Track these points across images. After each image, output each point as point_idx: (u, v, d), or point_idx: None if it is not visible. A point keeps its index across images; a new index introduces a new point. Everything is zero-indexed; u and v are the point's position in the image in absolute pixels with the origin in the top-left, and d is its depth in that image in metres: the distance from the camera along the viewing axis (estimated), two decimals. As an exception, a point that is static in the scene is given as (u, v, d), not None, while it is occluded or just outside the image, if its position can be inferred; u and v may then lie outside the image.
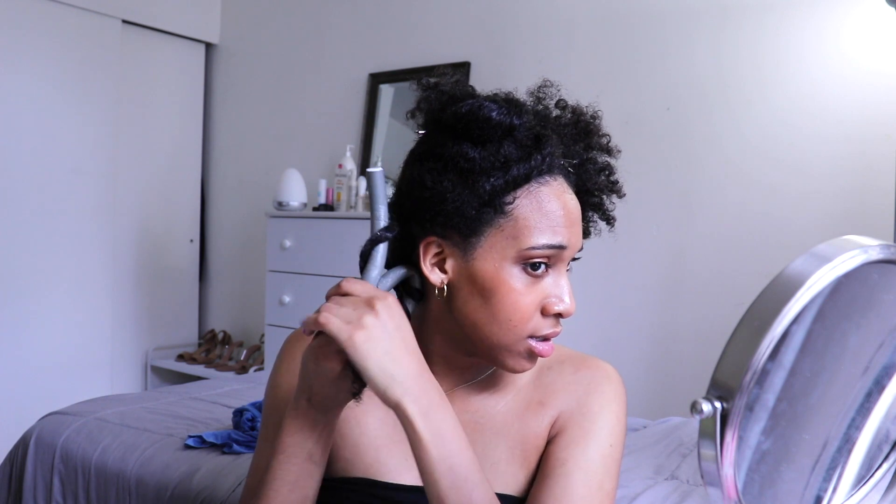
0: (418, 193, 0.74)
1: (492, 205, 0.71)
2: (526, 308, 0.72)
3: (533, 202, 0.72)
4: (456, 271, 0.74)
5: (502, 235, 0.72)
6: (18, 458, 1.73)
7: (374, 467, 0.80)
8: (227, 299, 3.74)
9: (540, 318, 0.74)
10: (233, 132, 3.70)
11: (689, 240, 2.44)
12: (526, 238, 0.71)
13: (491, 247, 0.72)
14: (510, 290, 0.72)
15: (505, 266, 0.72)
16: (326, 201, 3.05)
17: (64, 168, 3.11)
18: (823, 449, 0.57)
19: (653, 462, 1.60)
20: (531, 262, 0.72)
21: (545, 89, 0.78)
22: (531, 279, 0.73)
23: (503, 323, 0.72)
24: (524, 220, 0.72)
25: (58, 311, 3.11)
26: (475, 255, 0.73)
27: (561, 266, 0.75)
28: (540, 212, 0.72)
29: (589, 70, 2.60)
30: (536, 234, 0.71)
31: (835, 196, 2.19)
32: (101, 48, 3.21)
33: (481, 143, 0.71)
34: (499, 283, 0.72)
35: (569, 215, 0.74)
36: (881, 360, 0.57)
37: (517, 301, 0.72)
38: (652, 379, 2.42)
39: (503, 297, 0.72)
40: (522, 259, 0.72)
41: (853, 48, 2.18)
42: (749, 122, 2.34)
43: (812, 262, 0.47)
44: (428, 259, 0.75)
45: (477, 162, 0.71)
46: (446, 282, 0.75)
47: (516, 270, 0.72)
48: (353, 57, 3.26)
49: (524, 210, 0.72)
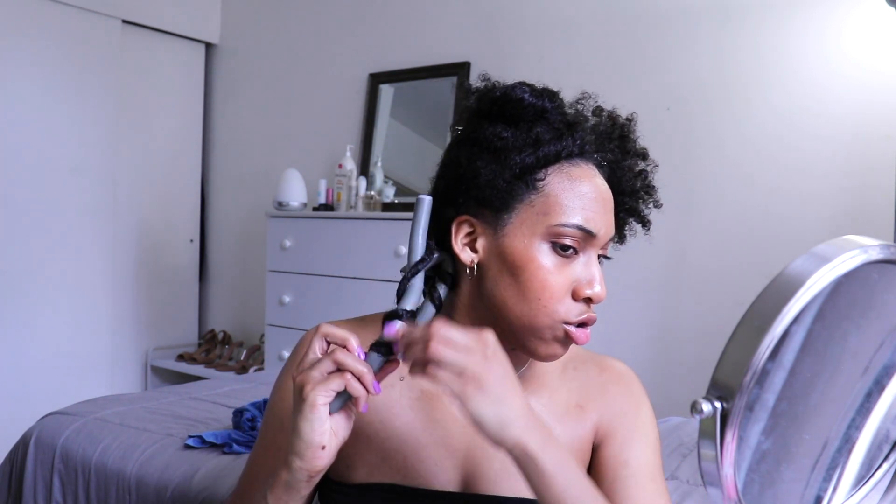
0: (453, 173, 0.76)
1: (523, 179, 0.72)
2: (555, 287, 0.72)
3: (564, 180, 0.73)
4: (486, 249, 0.75)
5: (533, 211, 0.73)
6: (18, 458, 1.73)
7: (402, 472, 0.77)
8: (227, 299, 3.74)
9: (570, 302, 0.73)
10: (233, 132, 3.70)
11: (689, 239, 2.44)
12: (556, 214, 0.72)
13: (521, 223, 0.73)
14: (539, 268, 0.72)
15: (535, 242, 0.72)
16: (326, 201, 3.05)
17: (63, 168, 3.11)
18: (823, 449, 0.57)
19: (653, 462, 1.60)
20: (560, 242, 0.72)
21: (584, 101, 0.80)
22: (560, 259, 0.73)
23: (532, 302, 0.72)
24: (555, 197, 0.73)
25: (58, 311, 3.11)
26: (506, 232, 0.73)
27: (591, 253, 0.75)
28: (571, 190, 0.73)
29: (589, 70, 2.60)
30: (568, 212, 0.72)
31: (835, 196, 2.19)
32: (101, 48, 3.20)
33: (514, 123, 0.74)
34: (528, 259, 0.72)
35: (600, 199, 0.74)
36: (881, 360, 0.57)
37: (546, 279, 0.72)
38: (652, 379, 2.41)
39: (532, 275, 0.72)
40: (552, 236, 0.72)
41: (853, 48, 2.18)
42: (749, 121, 2.34)
43: (812, 262, 0.47)
44: (459, 238, 0.76)
45: (509, 140, 0.73)
46: (477, 261, 0.75)
47: (546, 248, 0.72)
48: (353, 57, 3.26)
49: (555, 187, 0.73)
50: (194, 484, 1.46)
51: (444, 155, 0.80)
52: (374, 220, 2.73)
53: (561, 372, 0.85)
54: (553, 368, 0.85)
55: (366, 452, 0.78)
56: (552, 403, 0.82)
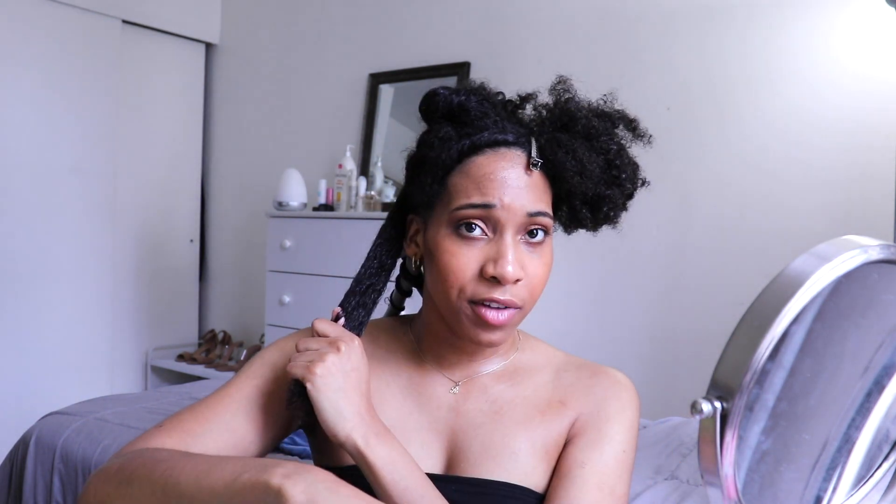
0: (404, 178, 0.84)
1: (429, 176, 0.78)
2: (458, 268, 0.75)
3: (463, 172, 0.77)
4: (422, 243, 0.82)
5: (441, 204, 0.78)
6: (18, 458, 1.73)
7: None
8: (227, 299, 3.74)
9: (478, 281, 0.75)
10: (233, 132, 3.70)
11: (688, 240, 2.44)
12: (454, 201, 0.77)
13: (437, 216, 0.79)
14: (444, 251, 0.77)
15: (441, 230, 0.77)
16: (326, 201, 3.05)
17: (63, 167, 3.11)
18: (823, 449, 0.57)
19: (653, 462, 1.60)
20: (462, 222, 0.76)
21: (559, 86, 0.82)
22: (464, 241, 0.76)
23: (441, 283, 0.77)
24: (454, 187, 0.77)
25: (58, 311, 3.11)
26: (429, 226, 0.80)
27: (503, 231, 0.75)
28: (468, 177, 0.77)
29: (589, 70, 2.60)
30: (461, 196, 0.76)
31: (834, 196, 2.19)
32: (101, 48, 3.21)
33: (431, 124, 0.80)
34: (436, 245, 0.77)
35: (505, 179, 0.75)
36: (881, 360, 0.57)
37: (449, 262, 0.76)
38: (652, 379, 2.42)
39: (440, 259, 0.77)
40: (454, 221, 0.76)
41: (855, 46, 2.18)
42: (749, 120, 2.34)
43: (812, 262, 0.47)
44: (409, 235, 0.85)
45: (422, 142, 0.80)
46: (419, 254, 0.83)
47: (450, 232, 0.77)
48: (353, 57, 3.26)
49: (455, 178, 0.78)
50: (194, 484, 1.46)
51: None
52: (374, 220, 2.73)
53: (554, 373, 0.86)
54: (545, 369, 0.87)
55: None
56: (535, 397, 0.84)
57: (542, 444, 0.81)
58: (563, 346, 0.92)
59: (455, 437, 0.82)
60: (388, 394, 0.84)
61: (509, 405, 0.83)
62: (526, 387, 0.85)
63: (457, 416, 0.83)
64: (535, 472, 0.80)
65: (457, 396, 0.84)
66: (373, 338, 0.88)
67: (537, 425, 0.82)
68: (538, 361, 0.87)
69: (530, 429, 0.81)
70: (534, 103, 0.83)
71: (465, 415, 0.83)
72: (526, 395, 0.84)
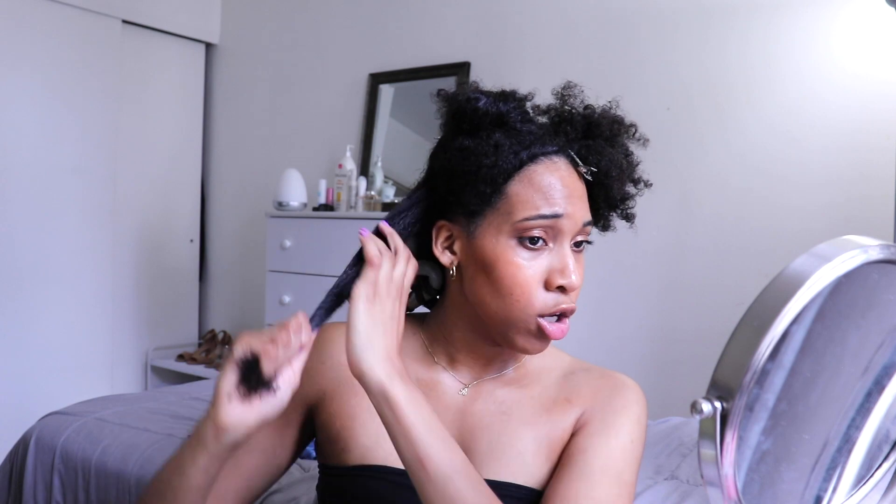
0: (430, 183, 0.82)
1: (486, 185, 0.76)
2: (526, 280, 0.75)
3: (524, 180, 0.76)
4: (462, 251, 0.80)
5: (498, 213, 0.76)
6: (18, 458, 1.73)
7: (394, 455, 0.80)
8: (227, 299, 3.74)
9: (544, 293, 0.76)
10: (233, 132, 3.70)
11: (688, 240, 2.44)
12: (519, 211, 0.75)
13: (489, 224, 0.77)
14: (508, 263, 0.75)
15: (502, 240, 0.76)
16: (326, 201, 3.05)
17: (64, 168, 3.11)
18: (823, 449, 0.57)
19: (653, 462, 1.60)
20: (527, 235, 0.75)
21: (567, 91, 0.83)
22: (530, 252, 0.76)
23: (506, 297, 0.76)
24: (516, 196, 0.76)
25: (58, 311, 3.11)
26: (477, 234, 0.78)
27: (563, 240, 0.77)
28: (532, 187, 0.76)
29: (589, 70, 2.60)
30: (528, 207, 0.75)
31: (834, 196, 2.19)
32: (101, 48, 3.20)
33: (474, 132, 0.78)
34: (497, 257, 0.76)
35: (566, 189, 0.76)
36: (881, 360, 0.57)
37: (516, 274, 0.75)
38: (652, 379, 2.41)
39: (503, 271, 0.75)
40: (517, 232, 0.76)
41: (855, 46, 2.18)
42: (749, 121, 2.34)
43: (812, 261, 0.47)
44: (439, 242, 0.82)
45: (471, 149, 0.76)
46: (455, 262, 0.81)
47: (513, 243, 0.76)
48: (353, 57, 3.26)
49: (516, 187, 0.76)
50: (194, 484, 1.46)
51: (427, 163, 0.84)
52: (374, 220, 2.72)
53: (562, 376, 0.86)
54: (554, 372, 0.87)
55: (360, 435, 0.82)
56: (541, 397, 0.84)
57: (548, 441, 0.81)
58: (563, 346, 0.92)
59: (462, 438, 0.82)
60: None
61: (517, 406, 0.83)
62: (533, 388, 0.85)
63: (464, 417, 0.83)
64: (540, 470, 0.80)
65: (465, 398, 0.84)
66: None
67: (543, 424, 0.82)
68: (546, 365, 0.87)
69: (536, 428, 0.81)
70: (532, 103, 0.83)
71: (473, 416, 0.83)
72: (533, 396, 0.84)
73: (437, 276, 0.84)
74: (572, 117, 0.81)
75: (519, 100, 0.80)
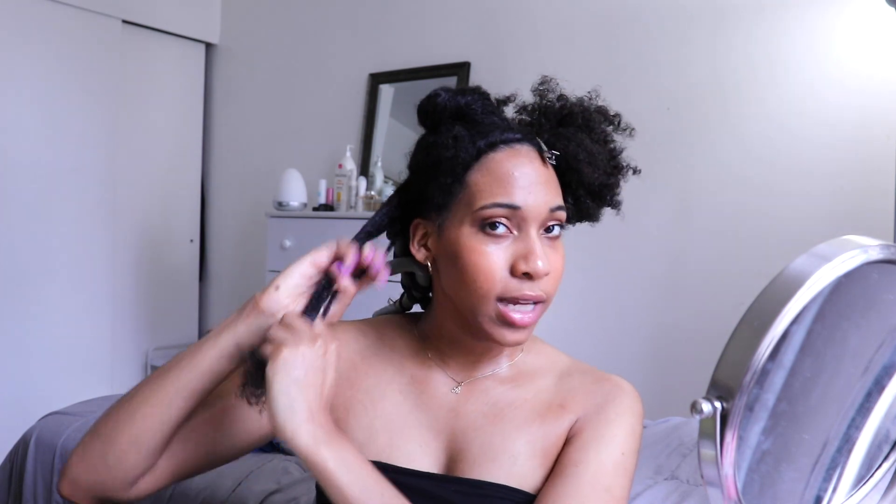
0: (406, 183, 0.84)
1: (447, 176, 0.77)
2: (489, 267, 0.75)
3: (483, 168, 0.77)
4: (435, 246, 0.81)
5: (461, 204, 0.78)
6: (18, 458, 1.73)
7: (386, 451, 0.80)
8: (227, 299, 3.73)
9: (509, 280, 0.76)
10: (233, 132, 3.70)
11: (688, 240, 2.44)
12: (477, 200, 0.76)
13: (454, 216, 0.78)
14: (471, 251, 0.76)
15: (465, 230, 0.77)
16: (326, 201, 3.05)
17: (64, 168, 3.11)
18: (823, 449, 0.57)
19: (653, 462, 1.60)
20: (487, 222, 0.76)
21: (544, 85, 0.85)
22: (491, 239, 0.76)
23: (470, 285, 0.76)
24: (475, 185, 0.77)
25: (58, 311, 3.11)
26: (445, 227, 0.79)
27: (527, 228, 0.76)
28: (489, 175, 0.77)
29: (589, 70, 2.60)
30: (486, 195, 0.76)
31: (834, 195, 2.19)
32: (101, 48, 3.20)
33: (437, 126, 0.80)
34: (460, 246, 0.77)
35: (525, 178, 0.76)
36: (881, 360, 0.57)
37: (478, 262, 0.75)
38: (652, 379, 2.41)
39: (466, 259, 0.76)
40: (478, 220, 0.76)
41: (856, 46, 2.18)
42: (749, 121, 2.34)
43: (812, 261, 0.47)
44: (416, 240, 0.83)
45: (434, 144, 0.78)
46: (430, 258, 0.82)
47: (475, 231, 0.76)
48: (353, 57, 3.26)
49: (475, 176, 0.77)
50: (194, 484, 1.46)
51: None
52: (374, 220, 2.73)
53: (557, 378, 0.86)
54: (549, 373, 0.86)
55: (355, 430, 0.82)
56: (535, 400, 0.83)
57: (542, 447, 0.81)
58: (563, 346, 0.92)
59: (454, 438, 0.82)
60: (388, 390, 0.84)
61: (510, 407, 0.83)
62: (527, 390, 0.84)
63: (457, 416, 0.83)
64: (533, 475, 0.80)
65: (458, 397, 0.84)
66: (379, 334, 0.89)
67: (537, 428, 0.81)
68: (542, 365, 0.87)
69: (530, 432, 0.81)
70: (515, 103, 0.85)
71: (466, 416, 0.82)
72: (527, 398, 0.83)
73: (425, 274, 0.85)
74: (546, 109, 0.83)
75: (481, 93, 0.81)
